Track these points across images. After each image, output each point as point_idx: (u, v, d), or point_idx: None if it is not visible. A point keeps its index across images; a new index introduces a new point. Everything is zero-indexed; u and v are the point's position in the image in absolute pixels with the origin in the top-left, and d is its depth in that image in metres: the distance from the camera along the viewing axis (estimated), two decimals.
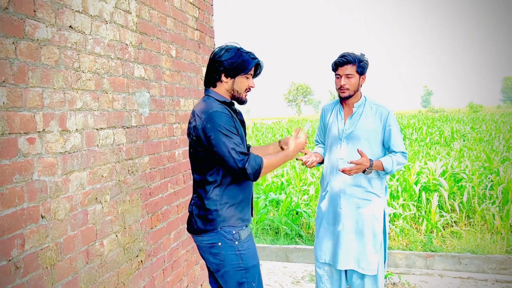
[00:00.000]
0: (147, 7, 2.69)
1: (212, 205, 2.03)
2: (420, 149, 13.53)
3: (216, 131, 1.94)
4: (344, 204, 2.78)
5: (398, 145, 2.78)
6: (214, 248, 2.05)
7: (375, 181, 2.80)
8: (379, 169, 2.72)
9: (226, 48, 2.12)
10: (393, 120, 2.80)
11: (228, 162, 1.94)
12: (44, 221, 1.73)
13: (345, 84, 2.71)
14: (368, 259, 2.75)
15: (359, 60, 2.72)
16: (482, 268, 4.43)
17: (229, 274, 2.05)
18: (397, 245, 5.41)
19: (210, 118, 1.97)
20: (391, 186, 7.12)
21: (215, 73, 2.12)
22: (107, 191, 2.19)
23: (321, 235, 2.91)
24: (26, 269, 1.62)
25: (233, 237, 2.03)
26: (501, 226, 5.53)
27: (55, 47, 1.83)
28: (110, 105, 2.25)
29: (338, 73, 2.74)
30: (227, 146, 1.93)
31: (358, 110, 2.81)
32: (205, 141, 1.98)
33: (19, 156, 1.61)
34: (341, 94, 2.77)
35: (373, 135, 2.77)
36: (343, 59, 2.72)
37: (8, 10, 1.58)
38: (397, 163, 2.73)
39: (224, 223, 2.03)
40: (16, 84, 1.60)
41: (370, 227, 2.77)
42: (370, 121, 2.77)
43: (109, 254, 2.19)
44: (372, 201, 2.78)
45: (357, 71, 2.72)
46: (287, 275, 4.41)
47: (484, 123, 25.58)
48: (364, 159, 2.61)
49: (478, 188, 6.76)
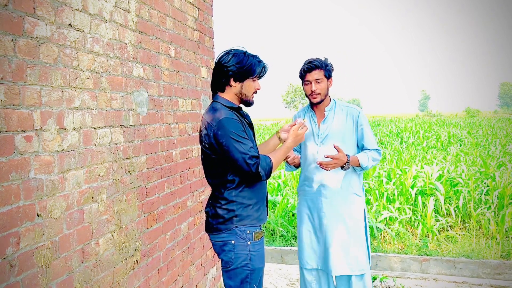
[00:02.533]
0: (147, 7, 2.69)
1: (228, 206, 2.12)
2: (416, 153, 13.57)
3: (228, 137, 2.02)
4: (327, 207, 2.80)
5: (371, 143, 2.84)
6: (227, 246, 2.13)
7: (354, 181, 2.84)
8: (356, 165, 2.75)
9: (233, 52, 2.16)
10: (364, 119, 2.86)
11: (242, 167, 2.03)
12: (39, 220, 1.72)
13: (316, 89, 2.75)
14: (358, 260, 2.78)
15: (325, 64, 2.77)
16: (476, 272, 4.45)
17: (235, 272, 2.13)
18: (392, 248, 5.42)
19: (221, 126, 2.04)
20: (387, 189, 7.13)
21: (223, 77, 2.16)
22: (103, 190, 2.19)
23: (306, 241, 2.89)
24: (20, 268, 1.61)
25: (247, 237, 2.12)
26: (496, 231, 5.55)
27: (54, 45, 1.83)
28: (108, 104, 2.25)
29: (308, 80, 2.77)
30: (240, 152, 2.01)
31: (329, 113, 2.85)
32: (217, 147, 2.06)
33: (16, 153, 1.60)
34: (313, 100, 2.80)
35: (347, 136, 2.82)
36: (311, 65, 2.75)
37: (8, 7, 1.57)
38: (372, 159, 2.79)
39: (240, 223, 2.12)
40: (14, 81, 1.60)
41: (355, 228, 2.81)
42: (343, 123, 2.83)
43: (105, 254, 2.18)
44: (354, 201, 2.82)
45: (325, 75, 2.77)
46: (282, 277, 4.41)
47: (481, 128, 25.68)
48: (341, 154, 2.66)
49: (474, 193, 6.79)
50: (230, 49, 2.20)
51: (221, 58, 2.17)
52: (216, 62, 2.19)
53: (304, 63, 2.81)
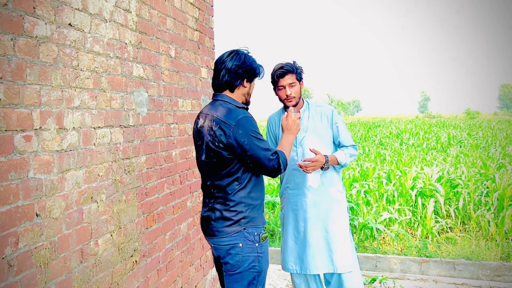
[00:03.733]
0: (147, 7, 2.68)
1: (237, 208, 2.09)
2: (416, 154, 13.57)
3: (249, 136, 2.03)
4: (311, 207, 2.82)
5: (347, 140, 2.90)
6: (234, 249, 2.09)
7: (335, 178, 2.89)
8: (335, 163, 2.81)
9: (243, 53, 2.19)
10: (338, 117, 2.92)
11: (264, 163, 2.04)
12: (38, 219, 1.71)
13: (291, 93, 2.78)
14: (344, 258, 2.79)
15: (296, 68, 2.81)
16: (476, 274, 4.44)
17: (242, 275, 2.09)
18: (392, 250, 5.41)
19: (241, 124, 2.04)
20: (387, 191, 7.13)
21: (239, 78, 2.16)
22: (103, 190, 2.18)
23: (291, 245, 2.89)
24: (19, 268, 1.60)
25: (254, 239, 2.10)
26: (496, 233, 5.55)
27: (54, 44, 1.82)
28: (108, 104, 2.25)
29: (281, 85, 2.79)
30: (262, 149, 2.04)
31: (304, 114, 2.89)
32: (237, 147, 2.03)
33: (15, 153, 1.60)
34: (288, 104, 2.83)
35: (324, 135, 2.87)
36: (283, 70, 2.77)
37: (7, 6, 1.57)
38: (349, 155, 2.85)
39: (248, 224, 2.10)
40: (14, 81, 1.59)
41: (340, 225, 2.83)
42: (318, 123, 2.88)
43: (104, 254, 2.18)
44: (337, 198, 2.86)
45: (297, 78, 2.81)
46: (281, 278, 4.40)
47: (480, 130, 25.69)
48: (319, 156, 2.70)
49: (473, 194, 6.79)
50: (236, 49, 2.21)
51: (232, 57, 2.16)
52: (233, 63, 2.15)
53: (274, 68, 2.83)
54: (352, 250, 2.86)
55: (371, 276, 4.28)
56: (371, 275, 4.38)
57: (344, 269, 2.78)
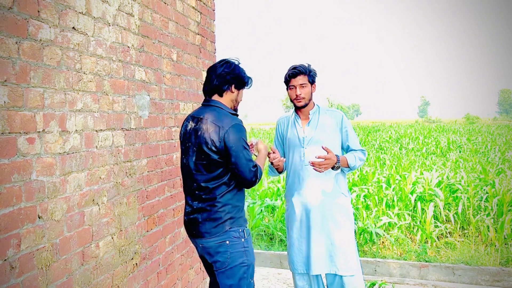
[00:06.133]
0: (150, 11, 2.70)
1: (225, 209, 2.17)
2: (416, 159, 13.58)
3: (238, 144, 2.11)
4: (316, 209, 2.82)
5: (356, 144, 2.93)
6: (221, 247, 2.17)
7: (341, 182, 2.90)
8: (345, 165, 2.83)
9: (235, 63, 2.31)
10: (348, 122, 2.95)
11: (244, 173, 2.14)
12: (40, 222, 1.72)
13: (300, 94, 2.83)
14: (347, 261, 2.79)
15: (309, 70, 2.87)
16: (475, 279, 4.44)
17: (233, 271, 2.18)
18: (391, 254, 5.42)
19: (233, 131, 2.12)
20: (387, 195, 7.14)
21: (227, 83, 2.26)
22: (104, 193, 2.19)
23: (296, 246, 2.91)
24: (21, 269, 1.61)
25: (240, 235, 2.20)
26: (495, 238, 5.55)
27: (58, 47, 1.84)
28: (110, 107, 2.26)
29: (292, 85, 2.86)
30: (246, 160, 2.13)
31: (314, 116, 2.93)
32: (223, 150, 2.11)
33: (18, 155, 1.61)
34: (297, 104, 2.88)
35: (332, 138, 2.89)
36: (296, 71, 2.84)
37: (12, 9, 1.58)
38: (359, 159, 2.87)
39: (234, 224, 2.19)
40: (18, 83, 1.61)
41: (344, 229, 2.83)
42: (328, 126, 2.90)
43: (105, 256, 2.18)
44: (342, 202, 2.87)
45: (309, 81, 2.86)
46: (281, 282, 4.40)
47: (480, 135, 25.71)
48: (331, 154, 2.72)
49: (473, 199, 6.79)
50: (227, 59, 2.32)
51: (222, 65, 2.28)
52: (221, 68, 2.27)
53: (288, 69, 2.90)
54: (355, 255, 2.86)
55: (370, 281, 4.28)
56: (370, 279, 4.38)
57: (346, 272, 2.78)
